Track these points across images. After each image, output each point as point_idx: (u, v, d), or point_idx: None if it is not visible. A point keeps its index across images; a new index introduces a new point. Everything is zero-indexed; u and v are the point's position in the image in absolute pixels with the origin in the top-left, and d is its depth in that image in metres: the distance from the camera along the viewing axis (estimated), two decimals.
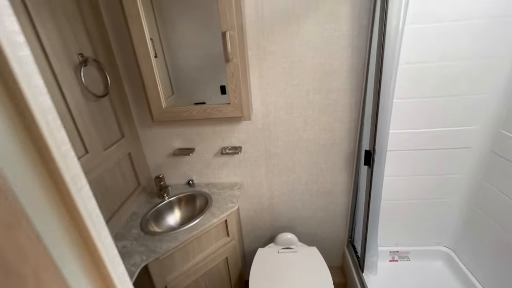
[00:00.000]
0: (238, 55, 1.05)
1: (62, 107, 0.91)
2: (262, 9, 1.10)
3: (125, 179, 1.31)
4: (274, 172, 1.48)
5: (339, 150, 1.39)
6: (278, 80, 1.24)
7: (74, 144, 0.96)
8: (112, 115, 1.21)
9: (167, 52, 1.20)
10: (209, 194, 1.40)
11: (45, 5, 0.86)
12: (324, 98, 1.27)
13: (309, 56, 1.18)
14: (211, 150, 1.43)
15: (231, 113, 1.16)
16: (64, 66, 0.91)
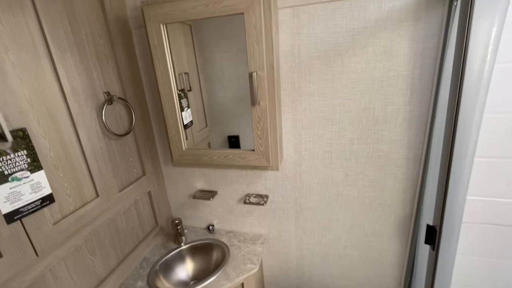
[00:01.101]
0: (267, 98, 0.91)
1: (75, 149, 0.86)
2: (299, 46, 0.96)
3: (141, 220, 1.22)
4: (305, 229, 1.24)
5: (390, 213, 1.10)
6: (315, 124, 1.05)
7: (83, 189, 0.90)
8: (135, 152, 1.16)
9: (204, 84, 1.13)
10: (227, 246, 1.23)
11: (75, 48, 0.85)
12: (372, 149, 1.02)
13: (355, 99, 0.97)
14: (235, 196, 1.27)
15: (256, 162, 1.00)
16: (83, 106, 0.88)
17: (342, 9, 0.88)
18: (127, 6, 1.07)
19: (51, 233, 0.78)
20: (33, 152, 0.72)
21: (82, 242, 0.91)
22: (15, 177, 0.68)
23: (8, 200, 0.67)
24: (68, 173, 0.84)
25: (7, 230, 0.67)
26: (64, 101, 0.82)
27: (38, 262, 0.76)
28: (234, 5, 0.83)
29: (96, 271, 0.99)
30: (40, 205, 0.74)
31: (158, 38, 0.94)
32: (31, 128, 0.73)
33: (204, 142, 1.20)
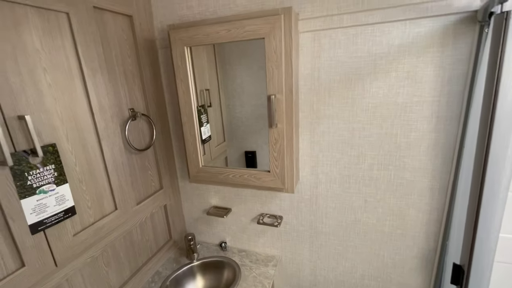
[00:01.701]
0: (284, 121, 0.90)
1: (99, 164, 0.90)
2: (320, 69, 0.95)
3: (156, 233, 1.24)
4: (320, 254, 1.19)
5: (412, 245, 1.03)
6: (334, 148, 1.02)
7: (103, 202, 0.93)
8: (154, 166, 1.19)
9: (224, 100, 1.15)
10: (239, 266, 1.21)
11: (105, 68, 0.90)
12: (394, 177, 0.98)
13: (376, 124, 0.94)
14: (249, 214, 1.26)
15: (271, 183, 0.99)
16: (108, 122, 0.92)
17: (364, 34, 0.88)
18: (155, 28, 1.13)
19: (70, 244, 0.81)
20: (60, 166, 0.77)
21: (98, 254, 0.94)
22: (42, 190, 0.72)
23: (34, 212, 0.71)
24: (91, 186, 0.88)
25: (31, 240, 0.71)
26: (92, 118, 0.87)
27: (56, 272, 0.79)
28: (255, 30, 0.85)
29: (110, 282, 1.00)
30: (62, 217, 0.78)
31: (182, 60, 0.97)
32: (60, 143, 0.78)
33: (221, 156, 1.21)
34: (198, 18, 1.05)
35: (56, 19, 0.75)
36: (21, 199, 0.68)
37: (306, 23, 0.92)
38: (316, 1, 0.89)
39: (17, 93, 0.67)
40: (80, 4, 0.80)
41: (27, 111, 0.69)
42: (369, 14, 0.85)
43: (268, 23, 0.82)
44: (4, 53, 0.64)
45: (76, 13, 0.79)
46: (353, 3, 0.85)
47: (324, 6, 0.88)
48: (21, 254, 0.69)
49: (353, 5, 0.86)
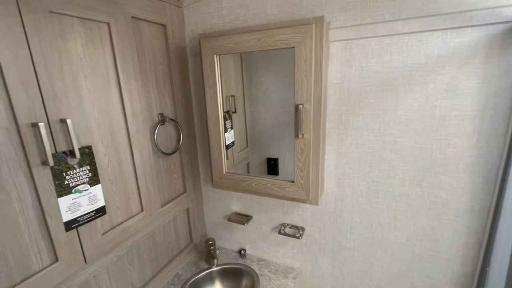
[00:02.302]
0: (312, 131, 0.89)
1: (129, 166, 0.94)
2: (350, 79, 0.92)
3: (177, 236, 1.26)
4: (343, 270, 1.14)
5: (446, 269, 0.96)
6: (362, 160, 0.98)
7: (130, 203, 0.96)
8: (179, 170, 1.22)
9: (248, 106, 1.16)
10: (257, 275, 1.19)
11: (139, 74, 0.94)
12: (428, 194, 0.92)
13: (409, 137, 0.89)
14: (270, 223, 1.24)
15: (295, 194, 0.97)
16: (139, 126, 0.96)
17: (400, 44, 0.84)
18: (186, 36, 1.16)
19: (99, 242, 0.85)
20: (94, 168, 0.81)
21: (124, 253, 0.97)
22: (78, 190, 0.76)
23: (69, 210, 0.75)
24: (120, 187, 0.92)
25: (64, 237, 0.74)
26: (124, 122, 0.91)
27: (85, 269, 0.83)
28: (285, 40, 0.84)
29: (132, 281, 1.03)
30: (94, 216, 0.81)
31: (211, 67, 0.99)
32: (95, 146, 0.82)
33: (243, 162, 1.22)
34: (228, 27, 1.07)
35: (98, 29, 0.80)
36: (59, 198, 0.72)
37: (337, 32, 0.90)
38: (350, 10, 0.87)
39: (61, 98, 0.71)
40: (120, 14, 0.85)
41: (68, 115, 0.73)
42: (406, 23, 0.81)
43: (299, 33, 0.81)
44: (51, 60, 0.69)
45: (116, 23, 0.84)
46: (388, 11, 0.82)
47: (358, 15, 0.86)
48: (56, 250, 0.73)
49: (389, 14, 0.82)
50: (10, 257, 0.64)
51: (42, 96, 0.67)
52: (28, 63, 0.64)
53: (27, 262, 0.68)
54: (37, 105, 0.66)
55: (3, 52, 0.60)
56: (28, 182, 0.66)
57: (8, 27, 0.60)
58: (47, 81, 0.68)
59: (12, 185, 0.63)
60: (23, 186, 0.65)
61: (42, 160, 0.68)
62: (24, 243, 0.67)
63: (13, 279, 0.65)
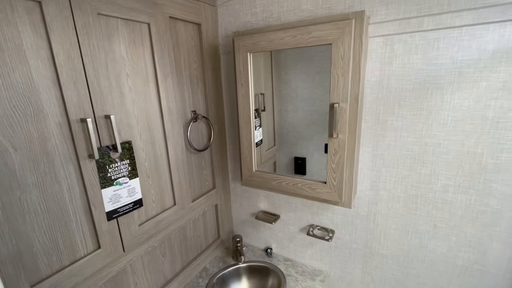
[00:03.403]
0: (347, 131, 0.85)
1: (164, 161, 0.98)
2: (390, 77, 0.87)
3: (206, 231, 1.30)
4: (374, 277, 1.09)
5: (494, 285, 0.87)
6: (400, 163, 0.93)
7: (164, 197, 1.00)
8: (209, 166, 1.25)
9: (277, 104, 1.16)
10: (284, 275, 1.18)
11: (175, 73, 0.97)
12: (475, 202, 0.84)
13: (456, 140, 0.83)
14: (298, 224, 1.23)
15: (326, 195, 0.94)
16: (174, 123, 0.99)
17: (448, 38, 0.77)
18: (219, 35, 1.18)
19: (136, 233, 0.89)
20: (133, 162, 0.85)
21: (157, 244, 1.01)
22: (118, 182, 0.81)
23: (111, 201, 0.79)
24: (156, 181, 0.96)
25: (106, 226, 0.79)
26: (161, 119, 0.95)
27: (123, 257, 0.88)
28: (322, 36, 0.81)
29: (164, 272, 1.08)
30: (132, 207, 0.86)
31: (244, 65, 1.00)
32: (135, 141, 0.86)
33: (270, 161, 1.21)
34: (262, 24, 1.06)
35: (139, 29, 0.84)
36: (102, 189, 0.77)
37: (377, 27, 0.85)
38: (392, 3, 0.82)
39: (106, 95, 0.76)
40: (159, 15, 0.88)
41: (112, 111, 0.78)
42: (457, 16, 0.75)
43: (337, 29, 0.78)
44: (99, 60, 0.73)
45: (155, 23, 0.87)
46: (437, 3, 0.76)
47: (401, 8, 0.81)
48: (98, 237, 0.78)
49: (437, 6, 0.76)
50: (61, 242, 0.70)
51: (90, 94, 0.72)
52: (79, 63, 0.69)
53: (74, 247, 0.73)
54: (85, 102, 0.71)
55: (58, 52, 0.64)
56: (77, 174, 0.71)
57: (63, 29, 0.65)
58: (94, 80, 0.72)
59: (64, 177, 0.69)
60: (72, 178, 0.70)
61: (89, 153, 0.73)
62: (72, 230, 0.72)
63: (63, 262, 0.71)
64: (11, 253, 0.60)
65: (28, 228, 0.63)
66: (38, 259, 0.66)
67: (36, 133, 0.63)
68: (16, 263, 0.61)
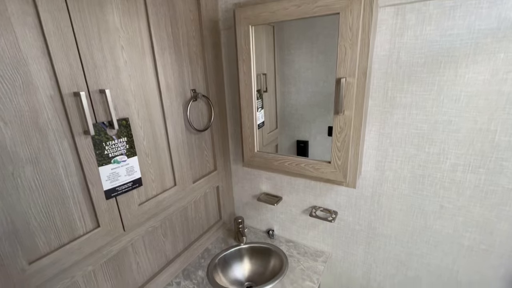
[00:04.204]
0: (353, 107, 0.81)
1: (163, 141, 0.95)
2: (400, 50, 0.82)
3: (207, 212, 1.29)
4: (377, 258, 1.09)
5: (499, 265, 0.86)
6: (408, 142, 0.89)
7: (164, 177, 0.98)
8: (210, 148, 1.22)
9: (279, 86, 1.11)
10: (286, 256, 1.18)
11: (173, 48, 0.92)
12: (485, 182, 0.81)
13: (468, 117, 0.79)
14: (300, 205, 1.21)
15: (330, 175, 0.92)
16: (173, 101, 0.96)
17: (466, 6, 0.72)
18: (219, 9, 1.11)
19: (136, 212, 0.88)
20: (131, 140, 0.82)
21: (158, 224, 1.00)
22: (116, 160, 0.78)
23: (109, 179, 0.77)
24: (155, 161, 0.93)
25: (105, 204, 0.78)
26: (159, 96, 0.91)
27: (123, 236, 0.87)
28: (329, 5, 0.76)
29: (166, 252, 1.08)
30: (131, 186, 0.84)
31: (246, 40, 0.94)
32: (132, 118, 0.83)
33: (272, 144, 1.18)
34: None
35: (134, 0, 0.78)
36: (99, 167, 0.74)
37: None
38: None
39: (100, 68, 0.72)
40: None
41: (106, 86, 0.74)
42: None
43: None
44: (91, 31, 0.69)
45: None
46: None
47: None
48: (97, 216, 0.76)
49: None
50: (58, 219, 0.68)
51: (83, 66, 0.68)
52: (69, 32, 0.64)
53: (72, 225, 0.72)
54: (78, 75, 0.67)
55: (46, 20, 0.60)
56: (72, 150, 0.69)
57: None
58: (87, 52, 0.68)
59: (58, 153, 0.66)
60: (67, 154, 0.68)
61: (84, 129, 0.70)
62: (69, 207, 0.70)
63: (61, 240, 0.70)
64: (7, 230, 0.59)
65: (24, 204, 0.61)
66: (35, 236, 0.64)
67: (27, 106, 0.60)
68: (12, 240, 0.60)
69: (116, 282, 0.88)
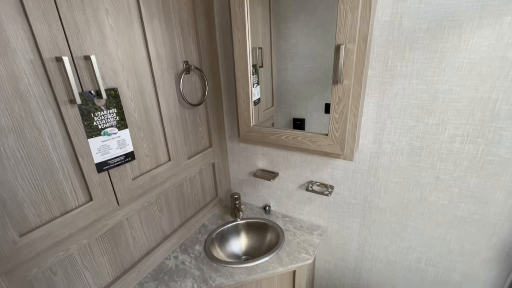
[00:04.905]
0: (353, 76, 0.78)
1: (155, 114, 0.91)
2: (402, 15, 0.78)
3: (203, 189, 1.28)
4: (372, 230, 1.10)
5: (491, 234, 0.88)
6: (407, 113, 0.88)
7: (158, 151, 0.95)
8: (204, 123, 1.19)
9: (276, 61, 1.07)
10: (282, 230, 1.19)
11: (162, 15, 0.87)
12: (483, 152, 0.81)
13: (469, 85, 0.76)
14: (296, 181, 1.21)
15: (328, 148, 0.90)
16: (164, 72, 0.91)
17: None
18: None
19: (130, 187, 0.86)
20: (121, 111, 0.78)
21: (153, 200, 0.99)
22: (106, 132, 0.75)
23: (100, 152, 0.74)
24: (148, 135, 0.90)
25: (97, 178, 0.75)
26: (149, 66, 0.86)
27: (118, 210, 0.85)
28: None
29: (162, 227, 1.07)
30: (123, 160, 0.81)
31: (240, 5, 0.89)
32: (121, 89, 0.79)
33: (268, 121, 1.15)
34: None
35: None
36: (89, 138, 0.71)
37: None
38: None
39: (83, 32, 0.67)
40: None
41: (92, 52, 0.69)
42: None
43: None
44: None
45: None
46: None
47: None
48: (90, 189, 0.74)
49: None
50: (48, 192, 0.66)
51: (64, 28, 0.63)
52: None
53: (63, 198, 0.70)
54: (59, 38, 0.62)
55: None
56: (58, 120, 0.65)
57: None
58: (67, 13, 0.63)
59: (43, 122, 0.63)
60: (53, 124, 0.64)
61: (69, 98, 0.66)
62: (59, 180, 0.68)
63: (53, 213, 0.68)
64: None
65: (9, 175, 0.59)
66: (24, 208, 0.62)
67: (5, 70, 0.55)
68: (0, 211, 0.58)
69: (113, 255, 0.88)
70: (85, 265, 0.79)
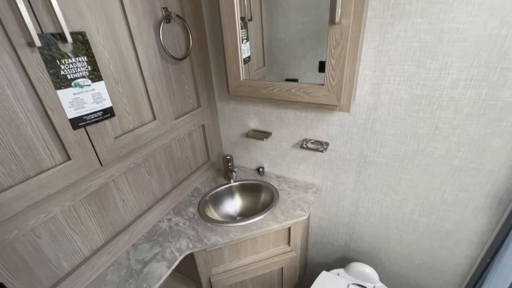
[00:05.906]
0: (352, 15, 0.70)
1: (134, 66, 0.82)
2: None
3: (194, 152, 1.23)
4: (367, 185, 1.10)
5: (486, 182, 0.87)
6: (408, 58, 0.81)
7: (141, 109, 0.88)
8: (191, 81, 1.10)
9: (266, 16, 0.97)
10: (277, 189, 1.18)
11: None
12: (486, 97, 0.77)
13: (478, 22, 0.70)
14: (290, 140, 1.17)
15: (323, 99, 0.85)
16: (140, 20, 0.81)
17: None
18: None
19: (112, 146, 0.80)
20: (93, 60, 0.70)
21: (140, 161, 0.94)
22: (77, 83, 0.67)
23: (72, 106, 0.67)
24: (127, 90, 0.82)
25: (73, 135, 0.69)
26: (122, 10, 0.76)
27: (102, 171, 0.80)
28: None
29: (153, 190, 1.04)
30: (101, 116, 0.74)
31: None
32: (91, 34, 0.69)
33: None
34: None
35: None
36: (57, 90, 0.63)
37: None
38: None
39: None
40: None
41: None
42: None
43: None
44: None
45: None
46: None
47: None
48: (66, 148, 0.68)
49: None
50: (16, 149, 0.60)
51: None
52: None
53: (36, 156, 0.64)
54: None
55: None
56: (16, 66, 0.57)
57: None
58: None
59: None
60: (11, 70, 0.56)
61: (27, 40, 0.57)
62: (28, 136, 0.61)
63: (26, 172, 0.62)
64: None
65: None
66: None
67: None
68: None
69: (101, 218, 0.84)
70: (71, 227, 0.76)
